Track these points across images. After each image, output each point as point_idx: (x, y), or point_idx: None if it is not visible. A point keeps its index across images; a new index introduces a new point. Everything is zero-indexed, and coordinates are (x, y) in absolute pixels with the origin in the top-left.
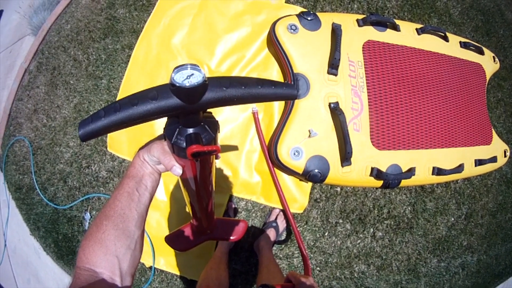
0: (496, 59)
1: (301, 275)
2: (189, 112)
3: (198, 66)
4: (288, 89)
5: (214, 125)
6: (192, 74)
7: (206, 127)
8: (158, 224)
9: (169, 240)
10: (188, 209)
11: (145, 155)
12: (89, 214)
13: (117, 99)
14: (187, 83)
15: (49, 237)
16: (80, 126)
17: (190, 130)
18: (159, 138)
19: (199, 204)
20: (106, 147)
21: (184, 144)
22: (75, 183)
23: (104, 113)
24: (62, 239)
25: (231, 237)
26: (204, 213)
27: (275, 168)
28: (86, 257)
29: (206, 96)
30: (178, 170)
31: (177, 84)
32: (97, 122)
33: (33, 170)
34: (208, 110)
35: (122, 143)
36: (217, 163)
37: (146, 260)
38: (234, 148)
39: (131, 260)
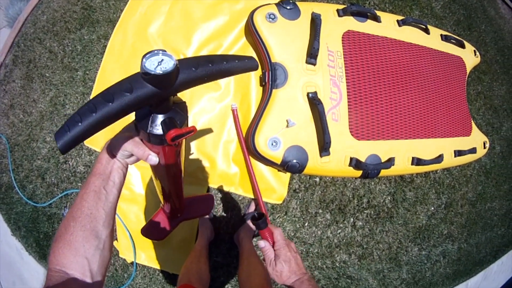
0: (477, 53)
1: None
2: (163, 99)
3: (166, 51)
4: (250, 61)
5: (184, 107)
6: (162, 60)
7: (177, 110)
8: (137, 218)
9: (146, 232)
10: (159, 195)
11: (113, 151)
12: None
13: (93, 90)
14: (159, 70)
15: (30, 236)
16: (57, 137)
17: (163, 116)
18: (125, 131)
19: (172, 186)
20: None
21: (161, 131)
22: (53, 179)
23: (79, 117)
24: (43, 238)
25: (202, 213)
26: (176, 195)
27: (251, 160)
28: (56, 260)
29: (179, 80)
30: (155, 158)
31: (152, 72)
32: (74, 128)
33: (11, 168)
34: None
35: (98, 136)
36: (194, 154)
37: (127, 255)
38: (211, 139)
39: (100, 260)
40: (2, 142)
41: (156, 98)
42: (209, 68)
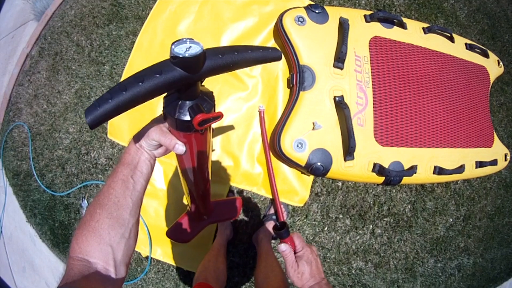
0: (501, 63)
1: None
2: (191, 84)
3: (193, 39)
4: (274, 51)
5: (211, 95)
6: (190, 47)
7: (205, 97)
8: (156, 213)
9: (171, 233)
10: (186, 198)
11: (141, 141)
12: (86, 202)
13: None
14: (187, 54)
15: (45, 224)
16: (87, 113)
17: (191, 103)
18: (153, 122)
19: (198, 185)
20: (106, 134)
21: (188, 116)
22: (73, 169)
23: (110, 95)
24: (58, 227)
25: (229, 217)
26: (202, 197)
27: (272, 163)
28: (79, 247)
29: (206, 65)
30: (182, 147)
31: (180, 56)
32: (104, 105)
33: (31, 156)
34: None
35: (122, 129)
36: (219, 153)
37: (143, 249)
38: (236, 138)
39: (125, 249)
40: (24, 130)
41: (184, 81)
42: (234, 56)
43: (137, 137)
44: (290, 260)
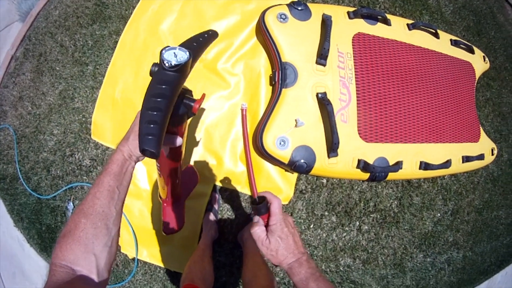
0: (486, 59)
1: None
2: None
3: (170, 46)
4: (213, 32)
5: (184, 85)
6: (175, 52)
7: (184, 88)
8: (140, 213)
9: (166, 230)
10: (161, 188)
11: (134, 150)
12: (72, 204)
13: (102, 85)
14: (181, 60)
15: (32, 228)
16: (146, 146)
17: (182, 96)
18: (135, 126)
19: (175, 168)
20: (90, 135)
21: (185, 108)
22: (58, 172)
23: (153, 120)
24: (46, 230)
25: (194, 184)
26: (177, 177)
27: (255, 161)
28: (63, 254)
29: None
30: (180, 139)
31: (177, 63)
32: (155, 132)
33: (17, 159)
34: None
35: (106, 130)
36: (201, 152)
37: (129, 251)
38: (218, 137)
39: (108, 257)
40: (9, 133)
41: (182, 83)
42: (197, 46)
43: (125, 146)
44: (260, 237)
